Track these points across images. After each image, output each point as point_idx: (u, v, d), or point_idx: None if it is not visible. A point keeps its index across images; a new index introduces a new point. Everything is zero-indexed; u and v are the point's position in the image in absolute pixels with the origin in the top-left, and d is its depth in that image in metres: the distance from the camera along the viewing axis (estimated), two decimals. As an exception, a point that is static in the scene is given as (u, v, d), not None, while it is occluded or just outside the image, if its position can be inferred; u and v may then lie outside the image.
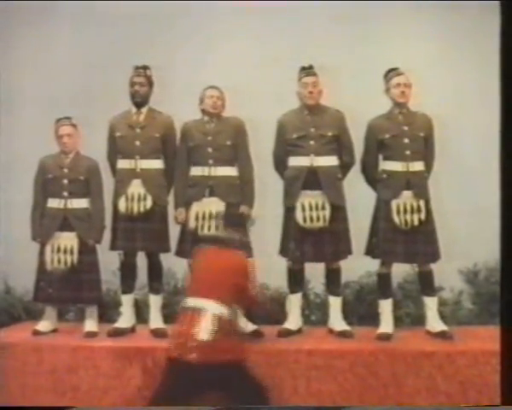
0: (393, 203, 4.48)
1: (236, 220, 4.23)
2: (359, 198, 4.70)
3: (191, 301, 3.88)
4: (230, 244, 4.04)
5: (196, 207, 4.56)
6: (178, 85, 5.41)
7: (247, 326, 4.60)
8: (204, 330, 3.77)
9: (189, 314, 3.83)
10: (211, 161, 4.59)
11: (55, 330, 4.80)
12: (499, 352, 3.93)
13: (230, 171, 4.63)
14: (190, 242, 4.50)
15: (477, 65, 5.51)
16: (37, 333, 4.69)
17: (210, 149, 4.60)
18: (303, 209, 4.47)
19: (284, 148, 4.63)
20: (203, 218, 4.53)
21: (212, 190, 4.57)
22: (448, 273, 5.24)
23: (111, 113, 4.84)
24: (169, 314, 4.96)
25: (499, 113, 3.98)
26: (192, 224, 4.54)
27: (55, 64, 6.02)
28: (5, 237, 5.52)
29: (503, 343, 3.85)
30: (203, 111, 4.67)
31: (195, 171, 4.63)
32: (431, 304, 4.58)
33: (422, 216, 4.46)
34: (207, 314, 3.81)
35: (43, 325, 4.75)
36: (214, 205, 4.54)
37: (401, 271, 5.20)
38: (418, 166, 4.53)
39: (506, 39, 3.96)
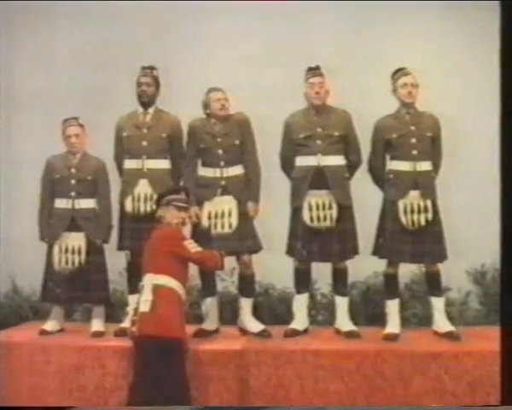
0: (400, 203, 4.47)
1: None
2: (366, 198, 4.69)
3: (142, 282, 4.08)
4: (164, 222, 4.25)
5: (208, 207, 4.56)
6: (185, 86, 5.41)
7: (255, 326, 4.63)
8: (143, 302, 3.98)
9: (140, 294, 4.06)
10: (222, 163, 4.59)
11: (61, 330, 4.80)
12: (499, 352, 3.91)
13: (241, 169, 4.63)
14: (203, 240, 4.52)
15: (484, 64, 5.49)
16: (43, 333, 4.70)
17: (220, 151, 4.59)
18: (310, 209, 4.47)
19: (291, 148, 4.63)
20: (215, 216, 4.53)
21: (225, 190, 4.57)
22: (455, 274, 5.23)
23: (118, 113, 4.84)
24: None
25: (499, 113, 3.95)
26: (205, 223, 4.54)
27: (62, 64, 6.05)
28: (12, 237, 5.55)
29: (502, 343, 3.83)
30: (209, 115, 4.64)
31: (207, 172, 4.63)
32: (438, 304, 4.57)
33: (429, 216, 4.45)
34: (146, 286, 4.02)
35: (50, 325, 4.75)
36: (226, 203, 4.55)
37: (408, 271, 5.20)
38: (425, 166, 4.52)
39: (506, 39, 3.93)
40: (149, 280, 4.03)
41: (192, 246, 4.17)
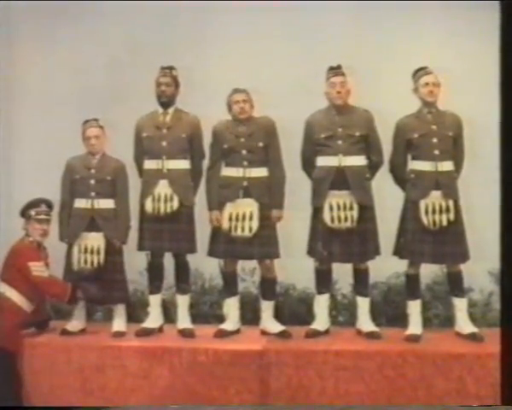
0: (422, 203, 4.44)
1: None
2: (387, 198, 4.66)
3: None
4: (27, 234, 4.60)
5: (230, 208, 4.55)
6: (205, 86, 5.41)
7: (275, 327, 4.62)
8: None
9: None
10: (245, 163, 4.57)
11: (83, 330, 4.81)
12: (499, 352, 3.87)
13: (265, 172, 4.61)
14: (223, 242, 4.51)
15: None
16: (65, 333, 4.71)
17: (244, 152, 4.57)
18: (331, 209, 4.45)
19: (312, 148, 4.60)
20: (236, 219, 4.52)
21: (247, 192, 4.56)
22: (477, 274, 5.18)
23: (137, 113, 4.85)
24: (197, 314, 4.98)
25: (499, 112, 3.90)
26: (225, 224, 4.54)
27: (82, 65, 6.06)
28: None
29: (503, 344, 3.79)
30: (233, 117, 4.65)
31: (229, 172, 4.61)
32: (460, 305, 4.54)
33: (451, 216, 4.42)
34: None
35: (72, 325, 4.76)
36: (248, 206, 4.53)
37: (430, 271, 5.16)
38: (447, 165, 4.49)
39: (506, 39, 3.87)
40: None
41: (35, 269, 4.39)
